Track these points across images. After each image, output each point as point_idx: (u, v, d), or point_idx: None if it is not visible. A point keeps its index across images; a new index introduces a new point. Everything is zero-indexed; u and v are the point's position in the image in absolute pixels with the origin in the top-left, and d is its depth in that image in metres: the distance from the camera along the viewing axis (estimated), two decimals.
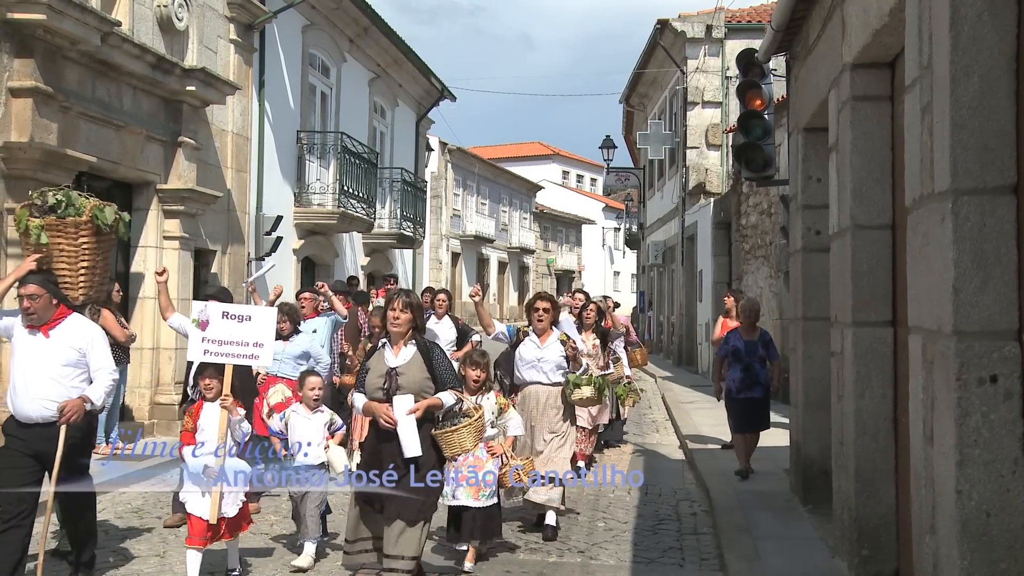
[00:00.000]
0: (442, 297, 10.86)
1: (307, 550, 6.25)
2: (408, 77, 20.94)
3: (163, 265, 8.38)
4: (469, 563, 6.11)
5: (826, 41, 6.46)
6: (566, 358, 7.13)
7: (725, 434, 10.14)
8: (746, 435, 9.01)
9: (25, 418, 5.34)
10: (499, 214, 40.37)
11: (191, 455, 5.75)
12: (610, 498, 8.45)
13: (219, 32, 12.51)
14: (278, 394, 7.63)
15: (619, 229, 48.52)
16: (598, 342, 9.42)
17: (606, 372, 9.25)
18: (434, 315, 10.66)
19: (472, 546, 6.14)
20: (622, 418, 11.37)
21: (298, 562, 6.16)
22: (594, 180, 58.27)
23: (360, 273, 18.06)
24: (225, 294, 8.00)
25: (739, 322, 9.69)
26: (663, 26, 21.55)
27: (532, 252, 45.05)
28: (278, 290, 9.08)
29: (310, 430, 6.41)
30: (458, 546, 6.21)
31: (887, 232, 5.60)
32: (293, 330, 8.36)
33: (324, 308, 10.12)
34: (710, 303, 18.81)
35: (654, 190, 27.24)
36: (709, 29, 20.83)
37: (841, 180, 5.93)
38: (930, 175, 3.64)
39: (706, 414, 12.87)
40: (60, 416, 5.20)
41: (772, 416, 9.38)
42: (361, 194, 16.28)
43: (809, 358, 7.51)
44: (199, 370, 5.99)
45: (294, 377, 7.74)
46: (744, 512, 7.44)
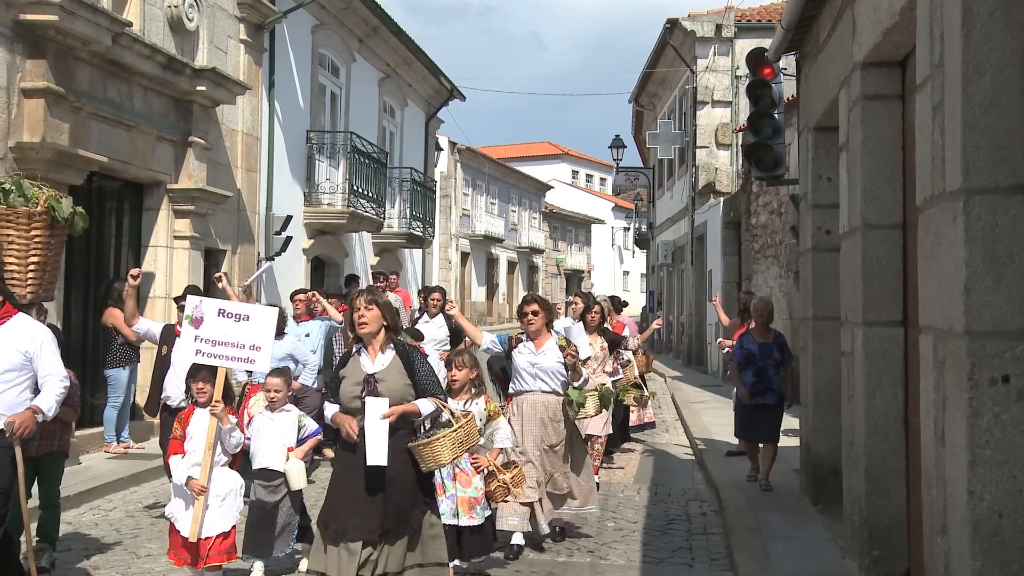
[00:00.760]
0: (436, 296, 10.35)
1: (256, 569, 5.64)
2: (417, 77, 20.96)
3: (137, 268, 7.33)
4: None
5: (836, 40, 6.44)
6: (565, 365, 6.62)
7: (733, 435, 10.03)
8: (758, 445, 8.56)
9: None
10: (508, 214, 40.36)
11: (176, 465, 5.26)
12: (619, 498, 8.44)
13: (229, 32, 12.54)
14: (260, 403, 6.71)
15: (628, 229, 48.56)
16: (606, 345, 8.89)
17: (616, 377, 8.98)
18: (427, 314, 10.38)
19: (470, 564, 5.74)
20: (643, 421, 11.15)
21: None
22: (603, 180, 58.20)
23: (368, 272, 18.07)
24: (194, 291, 7.62)
25: (745, 324, 9.50)
26: (673, 25, 21.53)
27: (541, 252, 45.03)
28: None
29: (272, 432, 5.83)
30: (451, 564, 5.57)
31: (898, 232, 5.58)
32: (278, 332, 7.59)
33: (320, 311, 10.04)
34: (722, 302, 18.71)
35: (663, 190, 27.19)
36: (719, 28, 20.80)
37: (851, 179, 5.91)
38: (941, 174, 3.62)
39: (716, 414, 12.86)
40: (11, 433, 4.61)
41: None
42: (371, 194, 16.29)
43: (819, 358, 7.50)
44: (191, 372, 5.46)
45: None
46: (754, 512, 7.43)
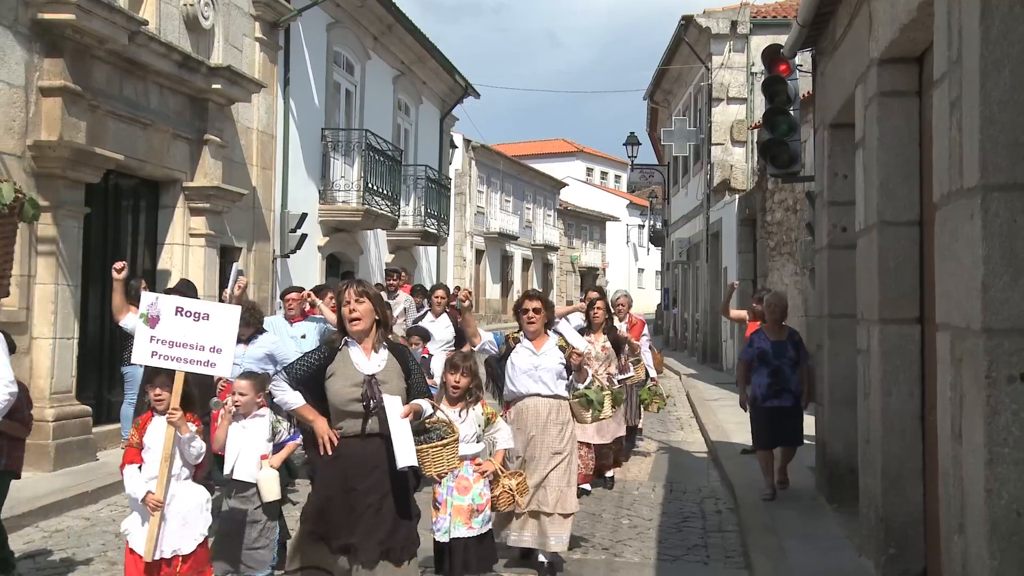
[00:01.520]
0: (440, 294, 10.02)
1: None
2: (432, 74, 20.99)
3: (122, 260, 6.73)
4: None
5: (852, 36, 6.41)
6: (566, 366, 6.14)
7: (749, 433, 9.93)
8: (774, 451, 8.17)
9: None
10: (523, 211, 40.36)
11: (131, 476, 4.63)
12: (634, 495, 8.44)
13: (244, 30, 12.59)
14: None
15: (643, 226, 48.43)
16: (609, 344, 8.33)
17: (625, 376, 8.59)
18: (431, 313, 10.04)
19: None
20: (638, 427, 10.03)
21: None
22: (618, 177, 58.11)
23: (382, 270, 18.10)
24: (189, 287, 7.42)
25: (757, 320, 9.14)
26: (688, 22, 21.48)
27: (556, 249, 45.02)
28: (243, 282, 7.64)
29: (246, 441, 5.27)
30: None
31: (914, 229, 5.55)
32: (255, 331, 7.18)
33: (314, 311, 9.63)
34: (735, 300, 18.64)
35: (678, 187, 27.14)
36: (734, 25, 20.72)
37: (868, 176, 5.88)
38: (959, 171, 3.60)
39: (731, 412, 12.80)
40: None
41: None
42: (385, 191, 16.33)
43: (835, 355, 7.46)
44: (148, 377, 4.91)
45: None
46: (769, 510, 7.42)
